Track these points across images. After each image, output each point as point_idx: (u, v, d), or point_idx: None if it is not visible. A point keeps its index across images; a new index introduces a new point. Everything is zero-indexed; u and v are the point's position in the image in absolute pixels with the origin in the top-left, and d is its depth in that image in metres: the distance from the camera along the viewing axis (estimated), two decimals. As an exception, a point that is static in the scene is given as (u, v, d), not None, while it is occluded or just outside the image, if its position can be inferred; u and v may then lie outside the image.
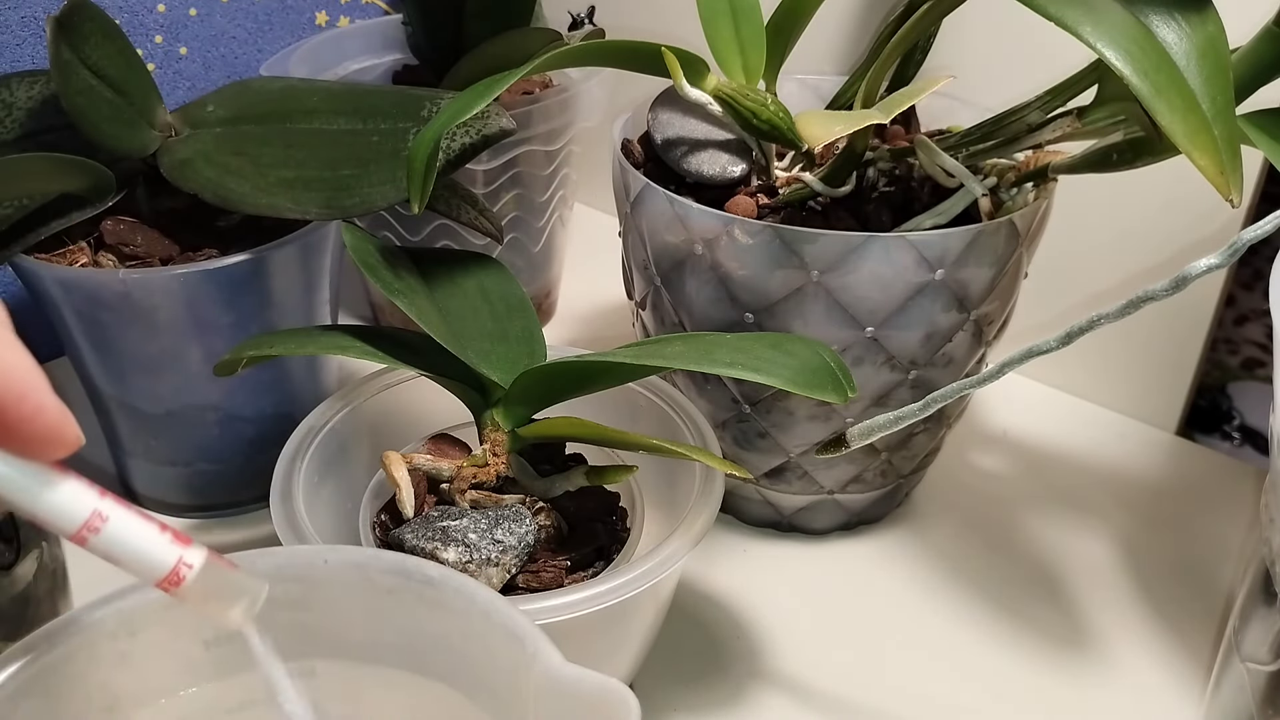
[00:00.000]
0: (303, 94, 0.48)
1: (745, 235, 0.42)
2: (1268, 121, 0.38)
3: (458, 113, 0.38)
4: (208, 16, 0.63)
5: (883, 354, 0.44)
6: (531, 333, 0.43)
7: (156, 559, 0.24)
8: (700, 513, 0.37)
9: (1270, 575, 0.35)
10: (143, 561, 0.24)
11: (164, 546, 0.24)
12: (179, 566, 0.24)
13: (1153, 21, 0.35)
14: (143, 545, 0.24)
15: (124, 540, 0.24)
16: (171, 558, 0.24)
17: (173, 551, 0.24)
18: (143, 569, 0.24)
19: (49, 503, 0.23)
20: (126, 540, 0.24)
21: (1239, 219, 0.53)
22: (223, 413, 0.49)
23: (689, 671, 0.44)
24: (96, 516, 0.24)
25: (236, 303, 0.46)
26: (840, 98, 0.50)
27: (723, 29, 0.46)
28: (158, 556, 0.24)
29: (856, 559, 0.50)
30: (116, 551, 0.24)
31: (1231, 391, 0.70)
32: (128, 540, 0.24)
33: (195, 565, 0.25)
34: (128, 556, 0.24)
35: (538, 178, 0.61)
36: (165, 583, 0.24)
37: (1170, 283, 0.29)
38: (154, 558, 0.24)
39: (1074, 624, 0.47)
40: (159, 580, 0.24)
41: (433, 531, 0.38)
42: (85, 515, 0.23)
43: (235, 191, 0.44)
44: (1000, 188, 0.46)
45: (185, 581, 0.24)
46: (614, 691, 0.24)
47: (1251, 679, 0.37)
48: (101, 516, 0.24)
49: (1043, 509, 0.54)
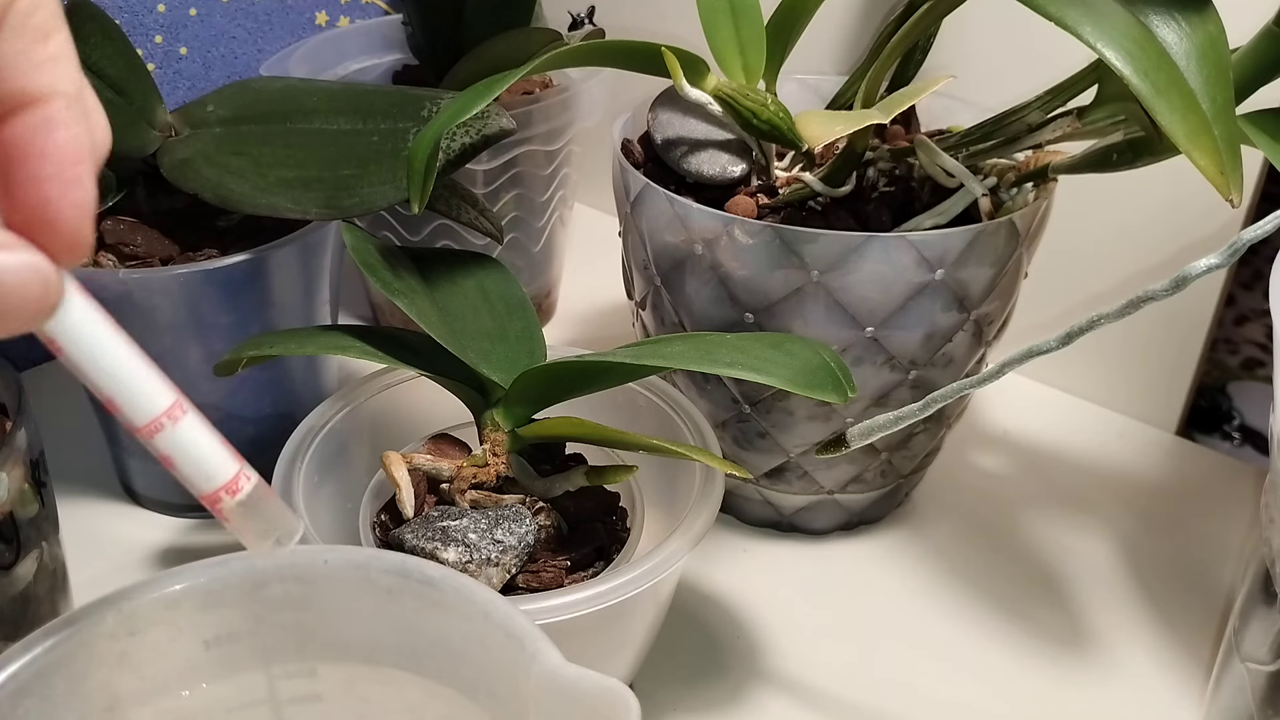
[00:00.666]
0: (303, 94, 0.48)
1: (745, 235, 0.42)
2: (1268, 121, 0.38)
3: (458, 113, 0.38)
4: (208, 16, 0.63)
5: (883, 354, 0.44)
6: (531, 333, 0.43)
7: (221, 463, 0.24)
8: (700, 513, 0.37)
9: (1270, 575, 0.35)
10: (208, 464, 0.23)
11: (229, 455, 0.24)
12: (239, 477, 0.24)
13: (1153, 21, 0.35)
14: (212, 447, 0.24)
15: (196, 438, 0.23)
16: (233, 468, 0.24)
17: (234, 464, 0.24)
18: (205, 472, 0.24)
19: (136, 384, 0.22)
20: (198, 439, 0.23)
21: (1239, 219, 0.53)
22: (223, 413, 0.49)
23: (689, 671, 0.44)
24: (177, 407, 0.23)
25: (236, 303, 0.46)
26: (840, 98, 0.50)
27: (723, 29, 0.46)
28: (222, 462, 0.24)
29: (856, 559, 0.50)
30: (186, 448, 0.23)
31: (1231, 391, 0.70)
32: (199, 439, 0.23)
33: (252, 480, 0.24)
34: (195, 456, 0.23)
35: (538, 178, 0.61)
36: (224, 489, 0.24)
37: (1170, 283, 0.29)
38: (219, 462, 0.24)
39: (1074, 624, 0.47)
40: (219, 486, 0.24)
41: (433, 531, 0.38)
42: (167, 404, 0.23)
43: (235, 191, 0.44)
44: (1000, 188, 0.46)
45: (240, 494, 0.24)
46: (614, 691, 0.24)
47: (1251, 679, 0.37)
48: (181, 408, 0.23)
49: (1043, 509, 0.54)
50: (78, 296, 0.22)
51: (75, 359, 0.22)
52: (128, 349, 0.22)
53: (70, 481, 0.53)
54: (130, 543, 0.50)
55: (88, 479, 0.53)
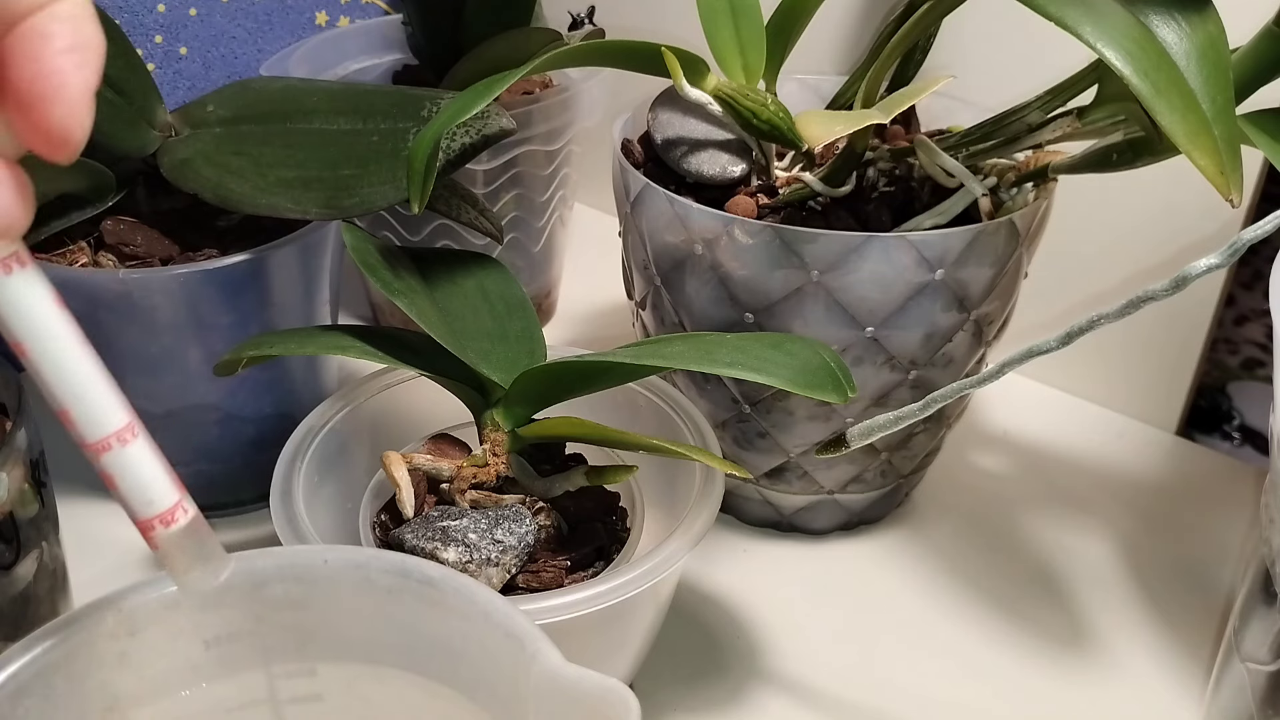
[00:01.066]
0: (303, 94, 0.48)
1: (745, 235, 0.42)
2: (1268, 121, 0.38)
3: (458, 113, 0.38)
4: (208, 16, 0.63)
5: (883, 354, 0.44)
6: (531, 333, 0.43)
7: (163, 492, 0.23)
8: (700, 513, 0.37)
9: (1270, 575, 0.35)
10: (149, 490, 0.23)
11: (171, 485, 0.24)
12: (177, 508, 0.24)
13: (1153, 21, 0.35)
14: (156, 475, 0.23)
15: (141, 463, 0.23)
16: (173, 498, 0.24)
17: (175, 494, 0.24)
18: (145, 497, 0.23)
19: (90, 400, 0.22)
20: (143, 464, 0.23)
21: (1239, 219, 0.53)
22: (223, 413, 0.49)
23: (689, 671, 0.44)
24: (129, 429, 0.23)
25: (236, 303, 0.46)
26: (840, 98, 0.50)
27: (723, 29, 0.46)
28: (164, 490, 0.23)
29: (856, 559, 0.50)
30: (130, 473, 0.23)
31: (1231, 391, 0.70)
32: (145, 464, 0.23)
33: (190, 513, 0.24)
34: (138, 482, 0.23)
35: (538, 178, 0.61)
36: (159, 519, 0.23)
37: (1170, 283, 0.29)
38: (161, 490, 0.23)
39: (1074, 624, 0.47)
40: (156, 514, 0.23)
41: (433, 531, 0.38)
42: (119, 425, 0.23)
43: (235, 191, 0.44)
44: (1000, 188, 0.46)
45: (174, 525, 0.24)
46: (614, 691, 0.24)
47: (1251, 679, 0.37)
48: (133, 431, 0.23)
49: (1043, 509, 0.54)
50: (49, 301, 0.22)
51: (37, 364, 0.22)
52: (91, 362, 0.22)
53: (70, 481, 0.53)
54: (130, 543, 0.50)
55: (88, 479, 0.53)
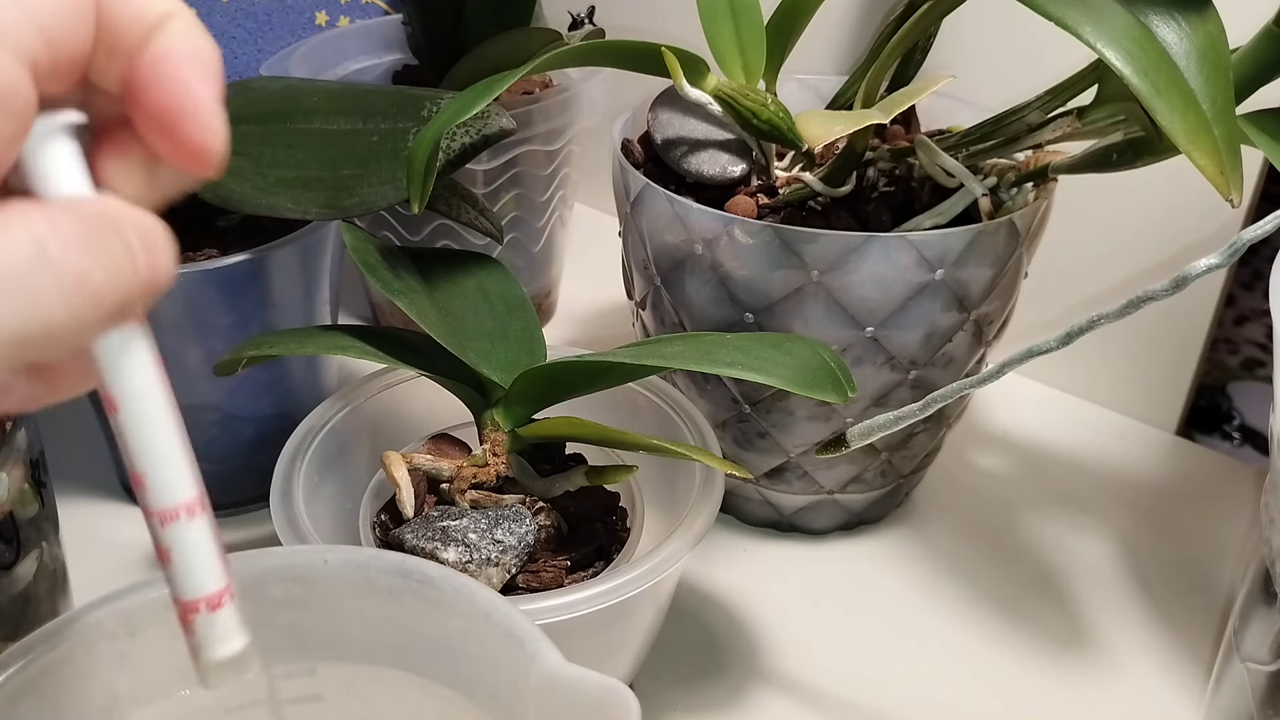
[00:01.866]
0: (303, 94, 0.48)
1: (745, 235, 0.42)
2: (1268, 121, 0.38)
3: (458, 113, 0.38)
4: (208, 16, 0.63)
5: (883, 354, 0.44)
6: (531, 333, 0.43)
7: (213, 575, 0.22)
8: (700, 513, 0.37)
9: (1270, 575, 0.35)
10: (201, 571, 0.22)
11: (223, 568, 0.23)
12: (224, 593, 0.23)
13: (1153, 21, 0.35)
14: (210, 556, 0.22)
15: (199, 541, 0.22)
16: (222, 582, 0.23)
17: (224, 578, 0.23)
18: (195, 579, 0.22)
19: (166, 469, 0.22)
20: (201, 543, 0.22)
21: (1239, 219, 0.53)
22: (223, 413, 0.49)
23: (689, 671, 0.44)
24: (198, 503, 0.22)
25: (236, 303, 0.46)
26: (840, 98, 0.50)
27: (723, 29, 0.46)
28: (215, 574, 0.22)
29: (856, 559, 0.50)
30: (187, 549, 0.22)
31: (1231, 391, 0.70)
32: (202, 543, 0.22)
33: (233, 598, 0.23)
34: (193, 560, 0.22)
35: (538, 178, 0.61)
36: (205, 601, 0.22)
37: (1170, 283, 0.29)
38: (212, 573, 0.22)
39: (1074, 624, 0.47)
40: (202, 596, 0.22)
41: (433, 531, 0.38)
42: (188, 497, 0.22)
43: (235, 191, 0.44)
44: (1000, 188, 0.46)
45: (221, 608, 0.22)
46: (614, 691, 0.24)
47: (1251, 679, 0.37)
48: (201, 505, 0.22)
49: (1043, 509, 0.54)
50: (149, 363, 0.22)
51: (124, 424, 0.21)
52: (176, 431, 0.22)
53: (70, 481, 0.53)
54: (130, 543, 0.50)
55: (88, 479, 0.53)
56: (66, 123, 0.20)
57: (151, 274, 0.21)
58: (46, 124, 0.20)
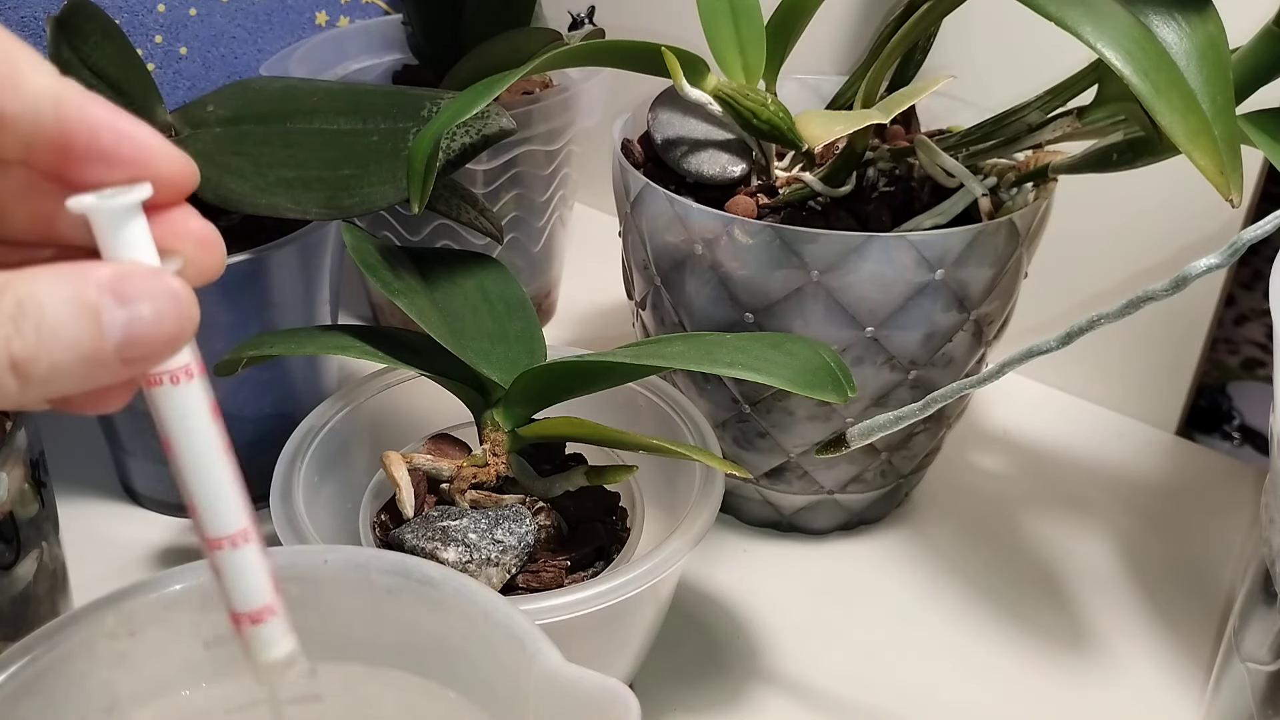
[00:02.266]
0: (303, 94, 0.48)
1: (745, 235, 0.42)
2: (1268, 121, 0.38)
3: (458, 113, 0.38)
4: (208, 16, 0.63)
5: (883, 354, 0.44)
6: (531, 333, 0.43)
7: (259, 593, 0.24)
8: (700, 513, 0.37)
9: (1270, 575, 0.35)
10: (248, 590, 0.24)
11: (268, 586, 0.24)
12: (266, 610, 0.24)
13: (1153, 21, 0.35)
14: (257, 577, 0.24)
15: (247, 567, 0.24)
16: (266, 598, 0.24)
17: (269, 595, 0.24)
18: (242, 596, 0.24)
19: (217, 502, 0.23)
20: (248, 567, 0.24)
21: (1239, 219, 0.53)
22: (223, 413, 0.49)
23: (689, 671, 0.44)
24: (241, 535, 0.24)
25: (236, 303, 0.46)
26: (840, 98, 0.50)
27: (723, 29, 0.46)
28: (260, 591, 0.24)
29: (856, 559, 0.50)
30: (235, 573, 0.24)
31: (1231, 391, 0.70)
32: (249, 568, 0.24)
33: (278, 611, 0.25)
34: (239, 582, 0.24)
35: (538, 178, 0.61)
36: (249, 616, 0.24)
37: (1170, 283, 0.29)
38: (257, 591, 0.24)
39: (1074, 624, 0.47)
40: (248, 610, 0.24)
41: (433, 531, 0.38)
42: (235, 529, 0.23)
43: (235, 191, 0.44)
44: (1000, 188, 0.46)
45: (262, 623, 0.24)
46: (614, 691, 0.24)
47: (1251, 679, 0.37)
48: (246, 536, 0.24)
49: (1043, 509, 0.54)
50: (206, 411, 0.23)
51: (179, 462, 0.23)
52: (228, 468, 0.23)
53: (70, 481, 0.53)
54: (130, 543, 0.50)
55: (88, 479, 0.53)
56: (137, 198, 0.21)
57: (190, 325, 0.22)
58: (115, 196, 0.21)
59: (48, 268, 0.20)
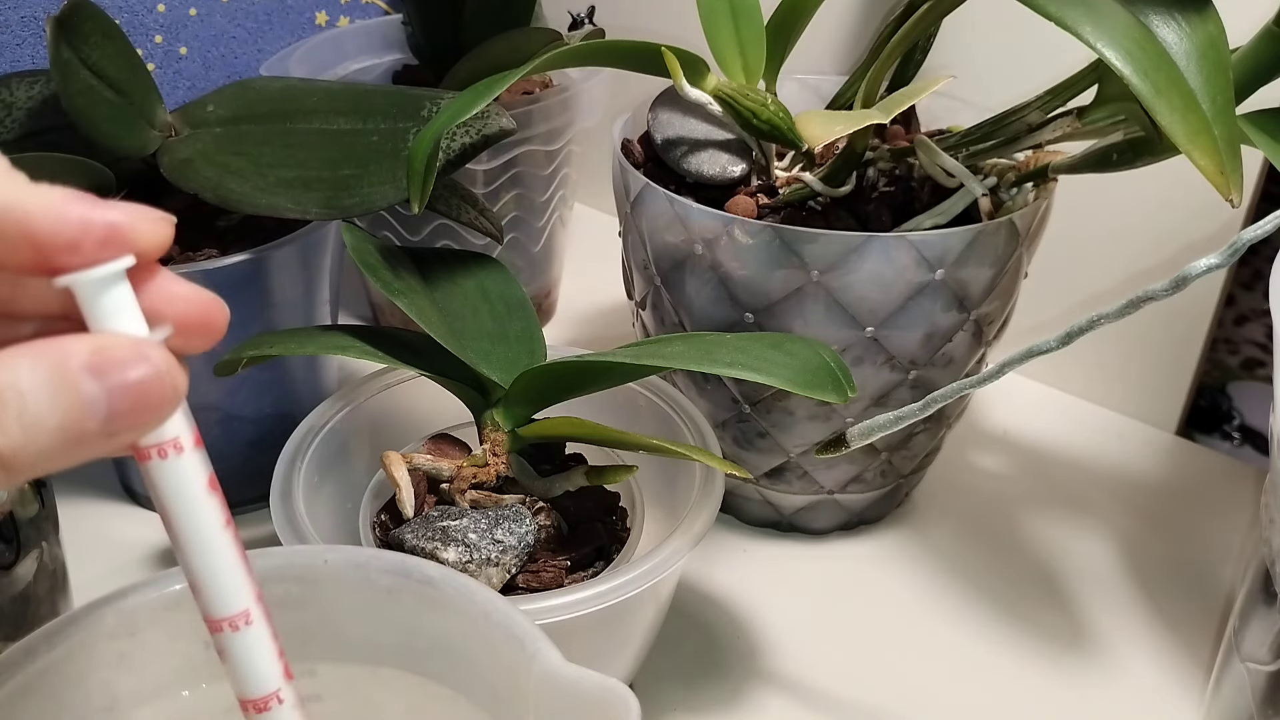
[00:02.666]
0: (303, 94, 0.48)
1: (745, 235, 0.42)
2: (1268, 121, 0.38)
3: (458, 113, 0.38)
4: (208, 16, 0.63)
5: (883, 354, 0.44)
6: (531, 333, 0.43)
7: (263, 680, 0.24)
8: (700, 513, 0.37)
9: (1270, 575, 0.35)
10: (250, 675, 0.23)
11: (274, 672, 0.24)
12: (271, 698, 0.24)
13: (1153, 21, 0.35)
14: (262, 661, 0.24)
15: (249, 649, 0.23)
16: (271, 686, 0.24)
17: (275, 682, 0.24)
18: (246, 681, 0.24)
19: (217, 583, 0.23)
20: (251, 651, 0.23)
21: (1239, 219, 0.53)
22: (223, 413, 0.49)
23: (689, 671, 0.44)
24: (242, 618, 0.23)
25: (236, 303, 0.46)
26: (840, 98, 0.50)
27: (723, 29, 0.46)
28: (265, 679, 0.24)
29: (856, 559, 0.50)
30: (238, 656, 0.23)
31: (1231, 391, 0.70)
32: (252, 651, 0.23)
33: (285, 701, 0.24)
34: (242, 665, 0.23)
35: (538, 178, 0.61)
36: (253, 705, 0.24)
37: (1170, 283, 0.29)
38: (260, 678, 0.24)
39: (1074, 624, 0.47)
40: (251, 699, 0.24)
41: (433, 531, 0.38)
42: (236, 610, 0.23)
43: (235, 191, 0.44)
44: (1000, 188, 0.46)
45: (267, 712, 0.24)
46: (614, 691, 0.24)
47: (1251, 679, 0.37)
48: (247, 619, 0.23)
49: (1043, 509, 0.54)
50: (203, 485, 0.22)
51: (178, 539, 0.22)
52: (229, 546, 0.23)
53: (70, 481, 0.53)
54: (130, 543, 0.50)
55: (88, 479, 0.53)
56: (118, 268, 0.21)
57: (174, 394, 0.21)
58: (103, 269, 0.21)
59: (26, 348, 0.20)
